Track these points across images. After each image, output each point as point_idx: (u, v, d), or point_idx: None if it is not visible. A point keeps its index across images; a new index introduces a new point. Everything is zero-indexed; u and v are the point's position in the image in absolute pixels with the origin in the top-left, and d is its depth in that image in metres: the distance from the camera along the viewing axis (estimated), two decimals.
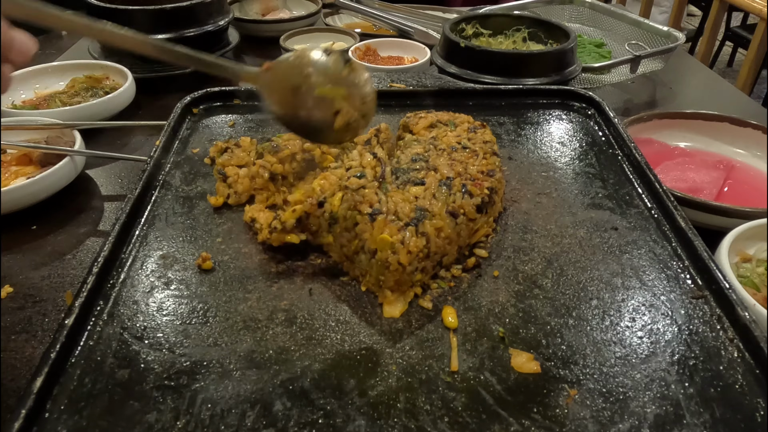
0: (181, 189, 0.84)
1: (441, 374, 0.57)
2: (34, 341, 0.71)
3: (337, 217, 0.68)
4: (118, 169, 1.05)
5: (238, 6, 1.76)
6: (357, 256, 0.67)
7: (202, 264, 0.69)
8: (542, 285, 0.68)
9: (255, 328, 0.62)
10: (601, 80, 1.37)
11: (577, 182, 0.86)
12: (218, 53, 1.45)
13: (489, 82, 1.16)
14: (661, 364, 0.58)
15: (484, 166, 0.77)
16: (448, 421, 0.53)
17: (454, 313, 0.64)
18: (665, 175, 0.99)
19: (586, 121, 1.01)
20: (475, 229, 0.73)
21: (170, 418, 0.53)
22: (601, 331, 0.62)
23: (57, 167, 0.92)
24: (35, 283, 0.79)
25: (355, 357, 0.59)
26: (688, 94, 1.46)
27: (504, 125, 1.00)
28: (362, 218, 0.66)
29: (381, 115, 1.03)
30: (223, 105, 1.04)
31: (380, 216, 0.65)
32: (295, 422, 0.53)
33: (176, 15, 1.34)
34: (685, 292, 0.66)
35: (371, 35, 1.59)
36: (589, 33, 1.62)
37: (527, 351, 0.59)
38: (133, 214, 0.76)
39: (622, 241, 0.74)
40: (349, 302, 0.66)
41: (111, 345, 0.59)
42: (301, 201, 0.71)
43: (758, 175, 1.02)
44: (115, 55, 1.33)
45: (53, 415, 0.53)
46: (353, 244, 0.67)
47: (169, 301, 0.65)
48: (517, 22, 1.40)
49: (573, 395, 0.55)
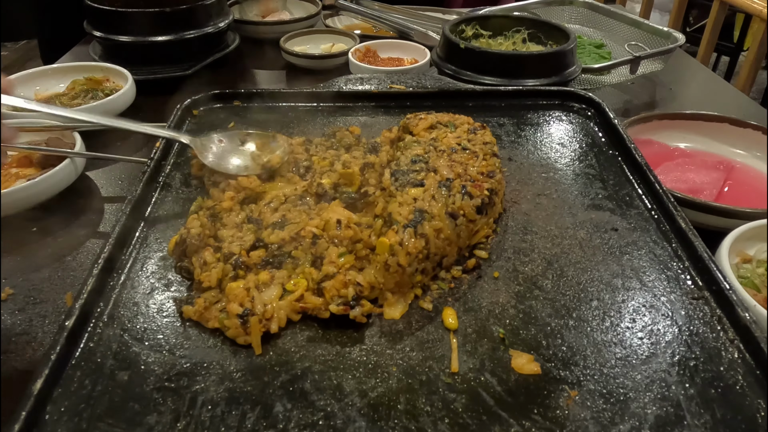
0: (182, 190, 0.84)
1: (441, 375, 0.57)
2: (34, 343, 0.71)
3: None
4: (118, 171, 1.05)
5: (238, 8, 1.76)
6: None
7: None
8: (542, 286, 0.68)
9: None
10: (600, 81, 1.37)
11: (577, 183, 0.86)
12: (218, 55, 1.45)
13: (489, 83, 1.16)
14: (661, 365, 0.58)
15: (484, 168, 0.77)
16: (448, 423, 0.53)
17: (454, 314, 0.64)
18: (665, 175, 0.99)
19: (585, 122, 1.01)
20: (475, 230, 0.73)
21: (170, 419, 0.53)
22: (602, 332, 0.62)
23: (57, 169, 0.92)
24: (35, 285, 0.79)
25: (355, 358, 0.59)
26: (688, 95, 1.46)
27: (504, 126, 1.00)
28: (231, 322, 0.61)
29: (381, 117, 1.03)
30: (223, 107, 1.04)
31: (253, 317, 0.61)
32: (295, 423, 0.53)
33: (176, 17, 1.33)
34: (685, 292, 0.66)
35: (371, 37, 1.59)
36: (588, 34, 1.62)
37: (527, 352, 0.59)
38: (134, 216, 0.76)
39: (623, 242, 0.74)
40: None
41: (111, 347, 0.59)
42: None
43: (758, 176, 1.02)
44: (116, 57, 1.33)
45: (53, 417, 0.53)
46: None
47: (170, 303, 0.65)
48: (517, 23, 1.40)
49: (573, 396, 0.55)
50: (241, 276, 0.66)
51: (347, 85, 1.07)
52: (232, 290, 0.63)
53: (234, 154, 0.86)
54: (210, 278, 0.65)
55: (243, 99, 1.05)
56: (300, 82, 1.46)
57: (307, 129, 0.99)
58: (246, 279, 0.65)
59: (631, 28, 1.52)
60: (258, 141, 0.88)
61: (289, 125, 1.00)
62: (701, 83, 1.55)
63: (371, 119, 1.03)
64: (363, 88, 1.07)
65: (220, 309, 0.62)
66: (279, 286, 0.65)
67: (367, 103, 1.06)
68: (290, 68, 1.52)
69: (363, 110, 1.05)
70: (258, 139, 0.89)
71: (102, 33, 1.33)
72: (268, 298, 0.63)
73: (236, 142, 0.88)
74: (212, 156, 0.84)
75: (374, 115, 1.04)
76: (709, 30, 2.13)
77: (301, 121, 1.02)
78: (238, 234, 0.72)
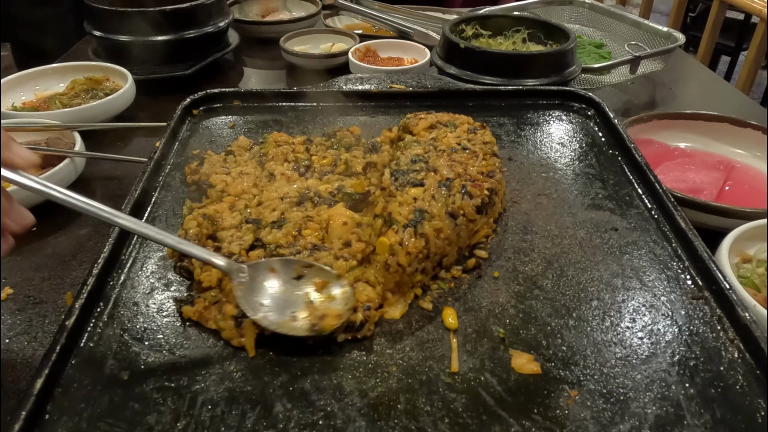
0: (181, 190, 0.84)
1: (441, 375, 0.57)
2: (34, 343, 0.71)
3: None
4: (118, 171, 1.05)
5: (238, 7, 1.76)
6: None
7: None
8: (542, 286, 0.68)
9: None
10: (600, 81, 1.37)
11: (577, 183, 0.86)
12: (218, 55, 1.45)
13: (489, 83, 1.16)
14: (661, 364, 0.58)
15: (484, 167, 0.77)
16: (448, 422, 0.53)
17: (454, 314, 0.64)
18: (665, 175, 0.99)
19: (585, 121, 1.01)
20: (475, 230, 0.73)
21: (170, 419, 0.53)
22: (602, 331, 0.62)
23: (57, 169, 0.92)
24: (35, 285, 0.79)
25: (355, 358, 0.59)
26: (688, 95, 1.46)
27: (504, 126, 1.00)
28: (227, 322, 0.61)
29: (381, 117, 1.03)
30: (223, 106, 1.04)
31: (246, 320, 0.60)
32: (295, 423, 0.53)
33: (176, 16, 1.34)
34: (685, 292, 0.66)
35: (371, 36, 1.59)
36: (588, 34, 1.62)
37: (527, 352, 0.59)
38: (133, 216, 0.75)
39: (623, 241, 0.74)
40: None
41: (111, 346, 0.59)
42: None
43: (758, 176, 1.02)
44: (116, 57, 1.33)
45: (53, 416, 0.53)
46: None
47: (170, 303, 0.65)
48: (517, 23, 1.40)
49: (573, 396, 0.55)
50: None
51: (347, 85, 1.07)
52: (231, 291, 0.63)
53: (281, 295, 0.64)
54: (210, 278, 0.65)
55: (243, 99, 1.05)
56: (300, 82, 1.46)
57: (307, 129, 0.99)
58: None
59: (631, 28, 1.52)
60: (317, 280, 0.64)
61: (289, 125, 1.00)
62: (701, 83, 1.55)
63: (371, 119, 1.03)
64: (363, 88, 1.07)
65: (219, 309, 0.62)
66: None
67: (367, 103, 1.06)
68: (290, 68, 1.53)
69: (363, 110, 1.05)
70: (318, 276, 0.65)
71: (102, 33, 1.33)
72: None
73: (290, 274, 0.65)
74: (252, 294, 0.62)
75: (374, 115, 1.04)
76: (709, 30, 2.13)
77: (301, 121, 1.01)
78: (238, 234, 0.72)
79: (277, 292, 0.63)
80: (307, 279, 0.64)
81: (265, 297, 0.62)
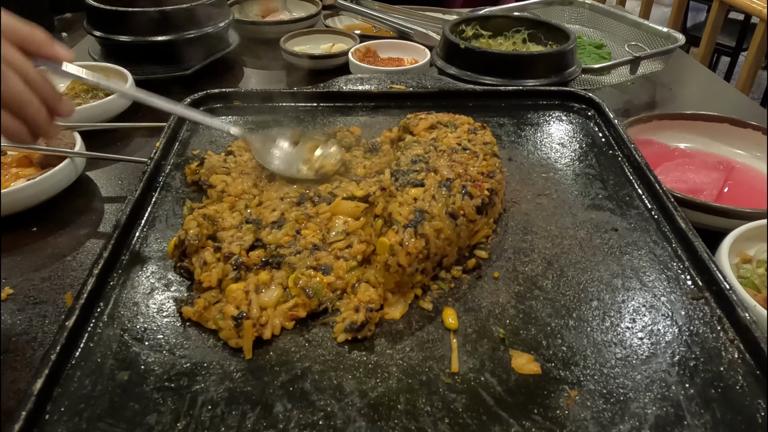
0: (182, 190, 0.84)
1: (441, 375, 0.57)
2: (34, 343, 0.71)
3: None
4: (118, 171, 1.05)
5: (238, 7, 1.76)
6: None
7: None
8: (542, 286, 0.68)
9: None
10: (600, 81, 1.37)
11: (577, 183, 0.86)
12: (218, 55, 1.45)
13: (489, 83, 1.16)
14: (661, 365, 0.58)
15: (484, 168, 0.77)
16: (448, 423, 0.53)
17: (454, 314, 0.64)
18: (665, 176, 0.99)
19: (586, 122, 1.01)
20: (475, 230, 0.73)
21: (170, 419, 0.53)
22: (602, 332, 0.62)
23: (57, 169, 0.92)
24: (35, 285, 0.79)
25: (355, 358, 0.59)
26: (688, 95, 1.46)
27: (504, 126, 1.00)
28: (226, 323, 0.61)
29: (381, 117, 1.03)
30: (223, 106, 1.04)
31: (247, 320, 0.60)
32: (295, 423, 0.53)
33: (176, 17, 1.33)
34: (685, 293, 0.66)
35: (371, 37, 1.59)
36: (588, 34, 1.62)
37: (528, 352, 0.59)
38: (134, 216, 0.76)
39: (623, 242, 0.74)
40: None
41: (111, 347, 0.59)
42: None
43: (758, 176, 1.02)
44: (116, 57, 1.33)
45: (53, 417, 0.53)
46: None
47: (170, 303, 0.65)
48: (517, 24, 1.40)
49: (573, 396, 0.55)
50: (242, 277, 0.66)
51: (347, 85, 1.07)
52: (231, 292, 0.63)
53: (287, 154, 0.85)
54: (210, 278, 0.65)
55: (243, 99, 1.05)
56: (300, 82, 1.46)
57: (307, 129, 0.99)
58: (247, 281, 0.65)
59: (631, 28, 1.52)
60: (311, 143, 0.87)
61: (289, 125, 1.00)
62: (701, 83, 1.55)
63: (371, 119, 1.03)
64: (363, 88, 1.07)
65: (219, 309, 0.62)
66: (279, 287, 0.65)
67: (367, 103, 1.06)
68: (290, 68, 1.52)
69: (363, 110, 1.05)
70: (311, 141, 0.87)
71: (102, 33, 1.33)
72: (268, 299, 0.63)
73: (288, 140, 0.87)
74: (265, 152, 0.83)
75: (374, 115, 1.04)
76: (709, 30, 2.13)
77: (301, 121, 1.02)
78: (238, 234, 0.72)
79: (281, 154, 0.85)
80: (302, 144, 0.87)
81: (273, 158, 0.84)
